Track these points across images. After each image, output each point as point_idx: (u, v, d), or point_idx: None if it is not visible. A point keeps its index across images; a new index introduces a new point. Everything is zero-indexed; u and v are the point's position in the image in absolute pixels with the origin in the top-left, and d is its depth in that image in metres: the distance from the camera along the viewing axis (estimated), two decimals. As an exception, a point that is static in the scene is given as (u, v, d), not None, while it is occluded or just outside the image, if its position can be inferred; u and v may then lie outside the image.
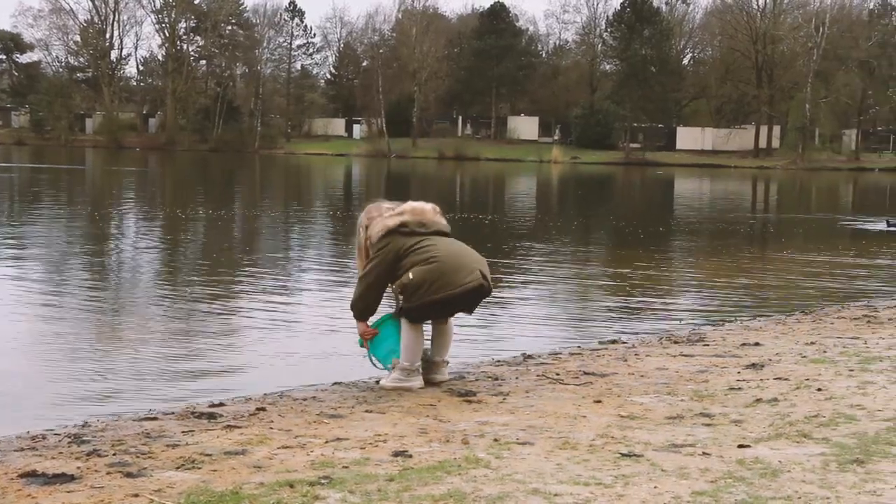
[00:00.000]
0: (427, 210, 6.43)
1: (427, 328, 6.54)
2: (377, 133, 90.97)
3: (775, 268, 15.38)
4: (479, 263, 6.35)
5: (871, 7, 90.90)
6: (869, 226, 24.31)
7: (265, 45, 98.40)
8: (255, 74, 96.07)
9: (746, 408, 5.55)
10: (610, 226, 24.32)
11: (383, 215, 6.37)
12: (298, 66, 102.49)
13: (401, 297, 6.29)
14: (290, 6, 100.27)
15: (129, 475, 4.24)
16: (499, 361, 7.47)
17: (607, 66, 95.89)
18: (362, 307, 6.40)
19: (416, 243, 6.25)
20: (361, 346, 6.56)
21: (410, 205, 6.43)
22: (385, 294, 6.46)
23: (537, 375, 6.70)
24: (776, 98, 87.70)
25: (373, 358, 6.50)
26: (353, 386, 6.46)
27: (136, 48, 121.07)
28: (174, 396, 6.43)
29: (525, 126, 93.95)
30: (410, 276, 6.17)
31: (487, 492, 3.92)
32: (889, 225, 23.46)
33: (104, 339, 8.53)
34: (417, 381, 6.30)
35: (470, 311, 6.52)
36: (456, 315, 6.58)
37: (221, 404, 5.93)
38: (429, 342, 6.54)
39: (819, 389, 5.99)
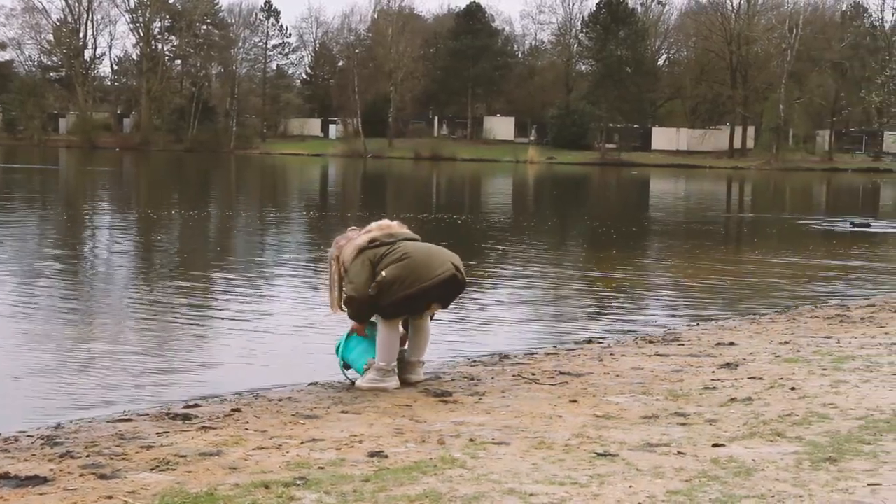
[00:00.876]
0: (392, 224, 6.61)
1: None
2: (353, 133, 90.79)
3: (749, 268, 15.46)
4: (451, 257, 6.46)
5: (844, 9, 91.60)
6: (839, 225, 24.48)
7: (240, 44, 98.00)
8: (231, 74, 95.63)
9: (721, 407, 5.58)
10: (585, 226, 24.38)
11: (351, 239, 6.48)
12: (274, 66, 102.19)
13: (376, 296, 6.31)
14: (265, 6, 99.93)
15: (102, 477, 4.22)
16: (475, 361, 7.47)
17: (583, 67, 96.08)
18: (359, 320, 6.50)
19: (387, 250, 6.37)
20: (337, 352, 6.57)
21: (376, 223, 6.60)
22: None
23: (513, 375, 6.71)
24: (750, 99, 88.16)
25: (344, 363, 6.49)
26: (329, 386, 6.45)
27: (110, 48, 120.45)
28: (148, 398, 6.39)
29: (501, 126, 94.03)
30: (384, 273, 6.23)
31: (463, 492, 3.92)
32: (853, 225, 23.65)
33: (78, 341, 8.47)
34: (393, 382, 6.30)
35: (445, 304, 6.56)
36: (434, 316, 6.63)
37: (196, 405, 5.91)
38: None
39: (793, 388, 6.02)
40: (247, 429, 5.16)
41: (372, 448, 4.66)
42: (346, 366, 6.55)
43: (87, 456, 4.60)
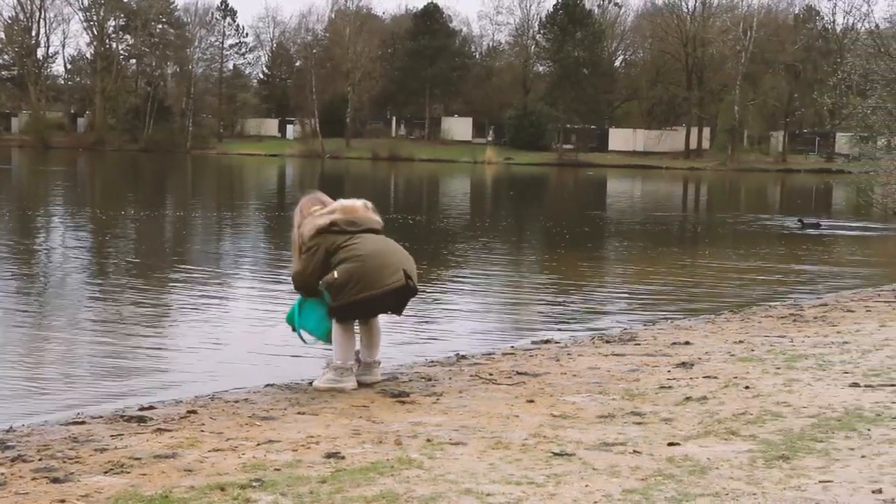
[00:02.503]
0: (358, 208, 6.45)
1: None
2: (310, 133, 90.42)
3: (705, 267, 15.60)
4: (404, 263, 6.36)
5: (797, 12, 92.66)
6: (791, 224, 24.75)
7: (196, 44, 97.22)
8: (187, 74, 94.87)
9: (676, 406, 5.62)
10: (541, 227, 24.47)
11: (314, 216, 6.38)
12: (231, 66, 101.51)
13: (327, 294, 6.28)
14: (221, 5, 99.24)
15: (55, 481, 4.17)
16: (432, 362, 7.47)
17: (540, 68, 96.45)
18: (305, 294, 6.46)
19: (345, 241, 6.27)
20: (290, 321, 6.54)
21: (341, 203, 6.45)
22: None
23: (471, 376, 6.72)
24: (706, 100, 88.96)
25: (302, 332, 6.48)
26: (286, 388, 6.41)
27: (63, 46, 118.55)
28: (103, 400, 6.33)
29: (459, 127, 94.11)
30: (335, 275, 6.19)
31: (420, 492, 3.92)
32: (802, 224, 23.91)
33: (29, 344, 8.37)
34: (350, 382, 6.28)
35: (398, 311, 6.54)
36: (387, 315, 6.62)
37: (151, 407, 5.86)
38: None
39: (747, 387, 6.08)
40: (202, 431, 5.12)
41: (329, 449, 4.65)
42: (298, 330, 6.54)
43: (40, 459, 4.54)
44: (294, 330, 6.52)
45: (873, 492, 3.91)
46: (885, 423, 5.05)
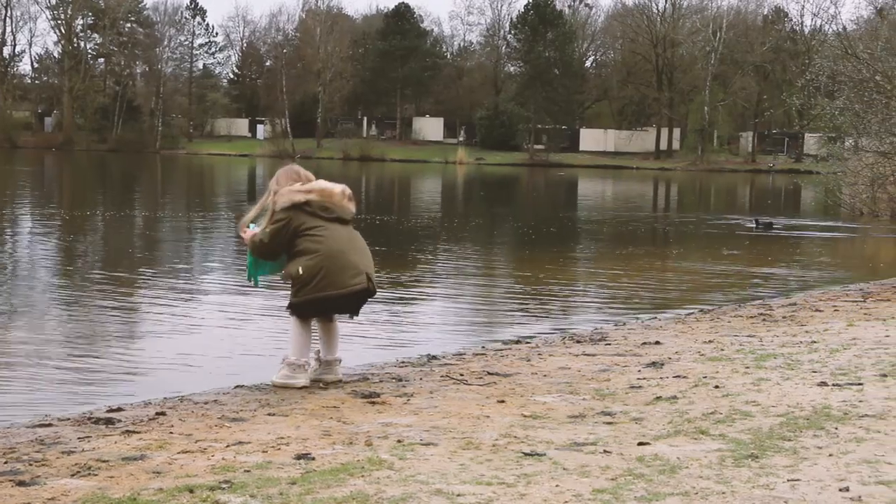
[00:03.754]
0: (335, 193, 6.46)
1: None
2: (281, 133, 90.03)
3: (675, 267, 15.67)
4: (365, 265, 6.43)
5: (766, 13, 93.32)
6: (748, 224, 24.84)
7: (166, 43, 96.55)
8: (156, 73, 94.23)
9: (646, 406, 5.64)
10: (512, 227, 24.50)
11: (291, 189, 6.40)
12: (200, 66, 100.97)
13: (289, 283, 6.41)
14: (191, 4, 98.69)
15: (21, 484, 4.12)
16: (403, 362, 7.46)
17: (511, 68, 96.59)
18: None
19: (313, 227, 6.32)
20: (249, 277, 6.80)
21: (321, 185, 6.47)
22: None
23: (441, 376, 6.71)
24: (676, 101, 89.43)
25: (260, 280, 6.79)
26: (256, 389, 6.39)
27: (30, 45, 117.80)
28: (70, 402, 6.27)
29: (430, 127, 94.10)
30: (300, 270, 6.27)
31: (390, 493, 3.91)
32: (758, 224, 24.01)
33: (-3, 344, 8.28)
34: (302, 379, 6.32)
35: (355, 312, 6.60)
36: (350, 318, 6.68)
37: (120, 409, 5.81)
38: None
39: (716, 387, 6.11)
40: (171, 432, 5.09)
41: (299, 450, 4.63)
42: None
43: (6, 463, 4.49)
44: (253, 282, 6.88)
45: (840, 490, 3.94)
46: (852, 422, 5.09)
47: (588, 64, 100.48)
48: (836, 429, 4.95)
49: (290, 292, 6.43)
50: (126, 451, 4.65)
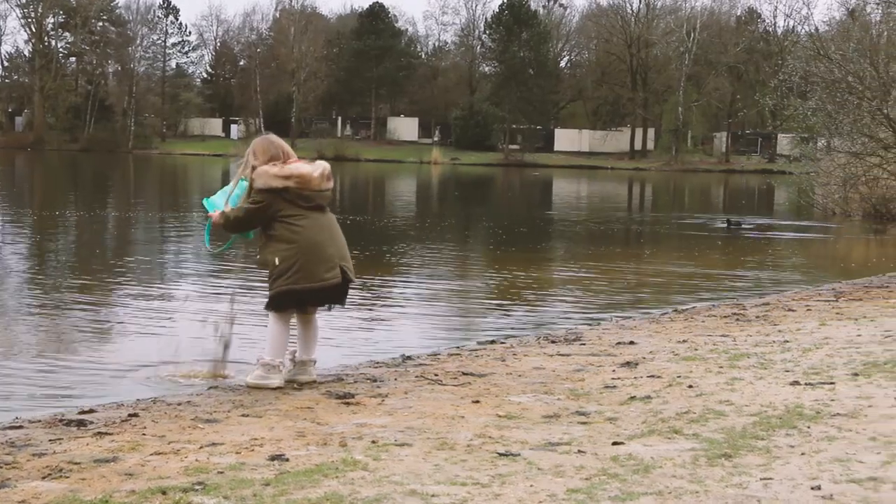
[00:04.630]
0: (314, 178, 6.39)
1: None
2: (255, 133, 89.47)
3: (649, 267, 15.73)
4: (340, 256, 6.43)
5: (739, 14, 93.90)
6: (719, 224, 24.95)
7: (138, 42, 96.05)
8: (128, 72, 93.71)
9: (621, 406, 5.65)
10: (486, 227, 24.53)
11: (269, 171, 6.32)
12: (173, 65, 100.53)
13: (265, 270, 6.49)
14: (163, 3, 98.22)
15: (-9, 487, 4.08)
16: (378, 363, 7.45)
17: (486, 68, 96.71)
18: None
19: (290, 215, 6.30)
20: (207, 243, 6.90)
21: (299, 170, 6.38)
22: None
23: (416, 376, 6.71)
24: (650, 101, 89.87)
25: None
26: (230, 390, 6.36)
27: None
28: (42, 404, 6.21)
29: (405, 127, 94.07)
30: (277, 261, 6.28)
31: (365, 494, 3.90)
32: (729, 224, 24.13)
33: (-33, 346, 8.20)
34: (276, 379, 6.30)
35: (340, 302, 6.63)
36: (328, 309, 6.67)
37: (92, 411, 5.77)
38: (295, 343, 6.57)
39: (690, 386, 6.13)
40: (144, 434, 5.05)
41: (273, 451, 4.61)
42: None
43: (-24, 465, 4.44)
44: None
45: (812, 488, 3.97)
46: (824, 421, 5.13)
47: (563, 64, 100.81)
48: (809, 428, 4.98)
49: (267, 284, 6.48)
50: (98, 453, 4.62)
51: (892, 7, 24.87)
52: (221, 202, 6.58)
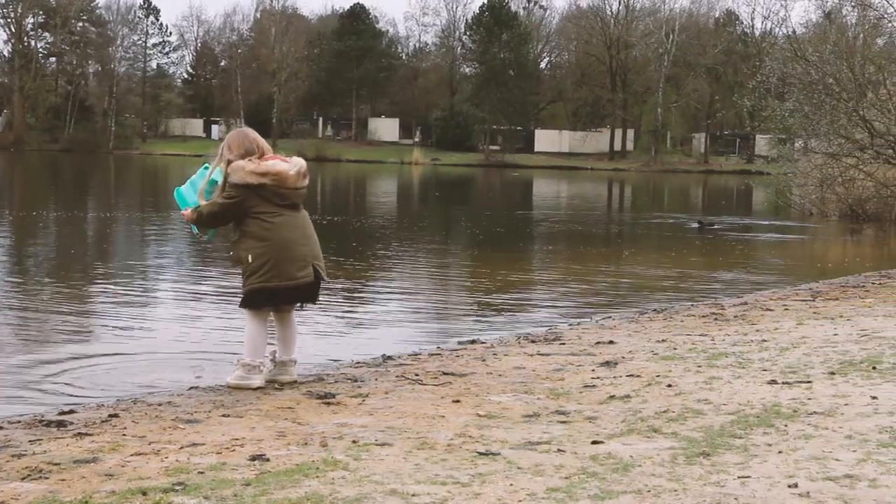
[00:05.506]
0: (290, 177, 6.35)
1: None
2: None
3: (628, 267, 15.79)
4: (313, 255, 6.43)
5: (717, 16, 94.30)
6: (691, 225, 24.98)
7: (119, 42, 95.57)
8: (109, 73, 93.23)
9: (600, 405, 5.68)
10: (467, 228, 24.55)
11: (246, 167, 6.29)
12: (154, 65, 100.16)
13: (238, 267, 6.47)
14: (144, 3, 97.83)
15: (-29, 488, 4.07)
16: (358, 363, 7.45)
17: (466, 69, 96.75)
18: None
19: (264, 212, 6.29)
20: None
21: (275, 167, 6.33)
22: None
23: (397, 376, 6.72)
24: (630, 102, 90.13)
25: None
26: (211, 390, 6.36)
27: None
28: (21, 404, 6.19)
29: (386, 127, 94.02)
30: (250, 258, 6.28)
31: (345, 493, 3.91)
32: (700, 225, 24.19)
33: (-54, 347, 8.16)
34: (257, 379, 6.31)
35: (312, 301, 6.63)
36: (300, 308, 6.65)
37: (72, 411, 5.76)
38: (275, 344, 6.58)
39: (669, 385, 6.17)
40: (124, 434, 5.05)
41: (253, 451, 4.61)
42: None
43: (-45, 466, 4.43)
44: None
45: (789, 486, 4.00)
46: (801, 419, 5.17)
47: (543, 65, 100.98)
48: (786, 426, 5.03)
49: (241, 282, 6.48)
50: (78, 454, 4.61)
51: (867, 10, 25.04)
52: (192, 195, 6.52)
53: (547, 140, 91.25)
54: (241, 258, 6.36)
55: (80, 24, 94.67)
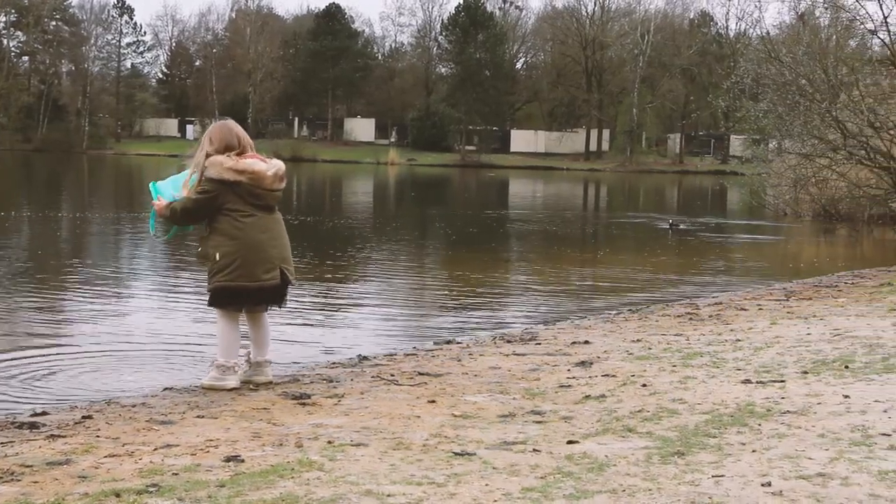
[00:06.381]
0: (267, 178, 6.30)
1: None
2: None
3: (604, 267, 15.83)
4: (281, 258, 6.37)
5: (692, 17, 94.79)
6: (662, 226, 25.02)
7: (92, 42, 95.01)
8: (82, 72, 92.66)
9: (576, 404, 5.69)
10: (443, 228, 24.55)
11: (224, 164, 6.24)
12: (128, 65, 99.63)
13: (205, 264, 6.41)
14: (118, 3, 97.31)
15: (-58, 490, 4.04)
16: (334, 363, 7.44)
17: (442, 70, 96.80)
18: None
19: (237, 210, 6.23)
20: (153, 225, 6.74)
21: (253, 167, 6.28)
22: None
23: (372, 377, 6.71)
24: (605, 102, 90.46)
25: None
26: (185, 391, 6.33)
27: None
28: (-7, 407, 6.14)
29: (362, 128, 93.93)
30: (217, 256, 6.23)
31: (320, 494, 3.90)
32: (671, 225, 24.24)
33: (-83, 349, 8.08)
34: (232, 380, 6.27)
35: (278, 304, 6.56)
36: (264, 310, 6.58)
37: (45, 413, 5.72)
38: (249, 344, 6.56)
39: (644, 385, 6.19)
40: (98, 436, 5.02)
41: (228, 452, 4.59)
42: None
43: (-74, 469, 4.39)
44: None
45: (763, 485, 4.03)
46: (775, 418, 5.20)
47: (518, 66, 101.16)
48: (760, 425, 5.05)
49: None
50: (51, 456, 4.58)
51: (839, 12, 25.21)
52: (168, 191, 6.47)
53: (523, 140, 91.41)
54: (208, 255, 6.30)
55: (54, 23, 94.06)
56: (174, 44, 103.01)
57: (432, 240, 21.90)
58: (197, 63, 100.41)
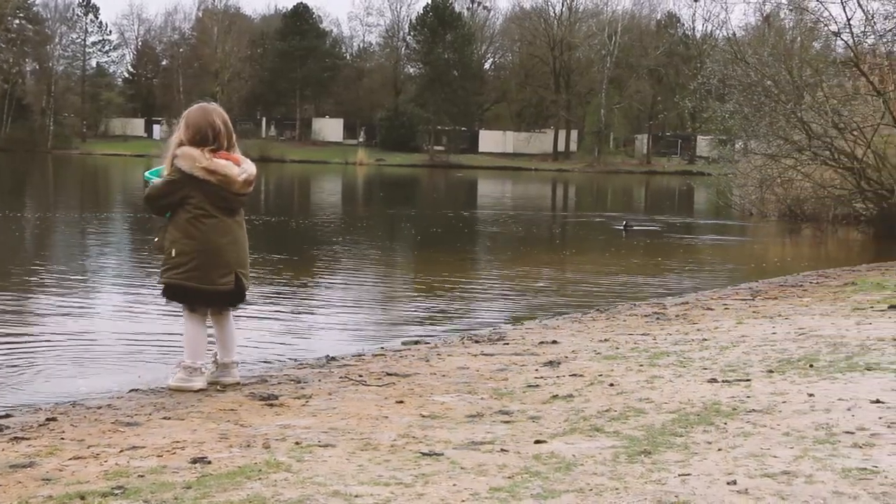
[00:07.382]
0: (237, 182, 6.21)
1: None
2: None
3: (572, 267, 15.89)
4: (238, 263, 6.30)
5: (659, 18, 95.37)
6: (626, 226, 25.08)
7: (57, 41, 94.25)
8: (47, 71, 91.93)
9: (543, 404, 5.70)
10: (410, 228, 24.55)
11: (196, 161, 6.13)
12: (94, 64, 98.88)
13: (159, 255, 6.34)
14: (83, 1, 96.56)
15: None
16: (302, 364, 7.41)
17: (411, 70, 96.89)
18: (150, 206, 6.43)
19: (200, 208, 6.14)
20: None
21: (224, 169, 6.17)
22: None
23: (340, 377, 6.69)
24: (573, 103, 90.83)
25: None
26: (151, 392, 6.28)
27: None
28: (-44, 409, 6.07)
29: (330, 128, 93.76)
30: (173, 252, 6.17)
31: (288, 495, 3.89)
32: (625, 226, 24.28)
33: None
34: (199, 381, 6.23)
35: (228, 308, 6.47)
36: (237, 311, 6.56)
37: (8, 415, 5.66)
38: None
39: (611, 385, 6.21)
40: (62, 438, 4.97)
41: (195, 454, 4.56)
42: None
43: None
44: None
45: (728, 483, 4.05)
46: (741, 417, 5.24)
47: (487, 66, 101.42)
48: (725, 424, 5.09)
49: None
50: (14, 459, 4.53)
51: (804, 14, 25.46)
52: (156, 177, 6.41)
53: (491, 140, 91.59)
54: (163, 248, 6.24)
55: (17, 21, 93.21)
56: (140, 43, 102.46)
57: (400, 240, 21.89)
58: (163, 62, 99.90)
